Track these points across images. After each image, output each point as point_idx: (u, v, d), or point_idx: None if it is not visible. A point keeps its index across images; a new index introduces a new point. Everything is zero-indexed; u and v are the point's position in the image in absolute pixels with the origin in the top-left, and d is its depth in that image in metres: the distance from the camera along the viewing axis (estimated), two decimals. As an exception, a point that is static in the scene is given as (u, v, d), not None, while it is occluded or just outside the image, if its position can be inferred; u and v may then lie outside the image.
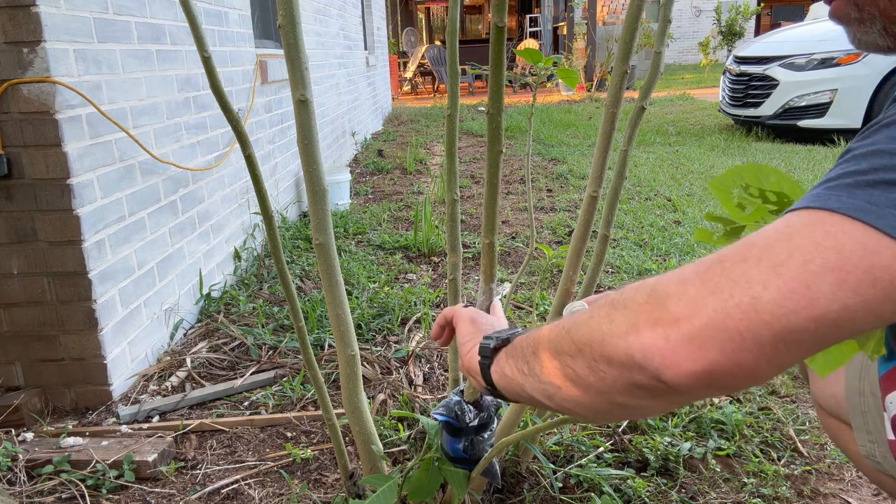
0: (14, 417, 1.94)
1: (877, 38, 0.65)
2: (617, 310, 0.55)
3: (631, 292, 0.56)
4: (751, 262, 0.48)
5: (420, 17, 23.29)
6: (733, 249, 0.51)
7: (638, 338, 0.51)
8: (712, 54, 15.88)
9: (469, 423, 1.16)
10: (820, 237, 0.47)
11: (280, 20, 1.11)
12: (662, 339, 0.50)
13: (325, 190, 1.23)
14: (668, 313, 0.50)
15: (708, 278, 0.50)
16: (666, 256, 3.34)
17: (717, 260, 0.51)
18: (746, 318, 0.47)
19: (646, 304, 0.52)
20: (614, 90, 1.26)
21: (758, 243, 0.50)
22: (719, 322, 0.48)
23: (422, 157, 6.50)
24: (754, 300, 0.47)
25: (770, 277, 0.47)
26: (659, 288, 0.53)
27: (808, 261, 0.47)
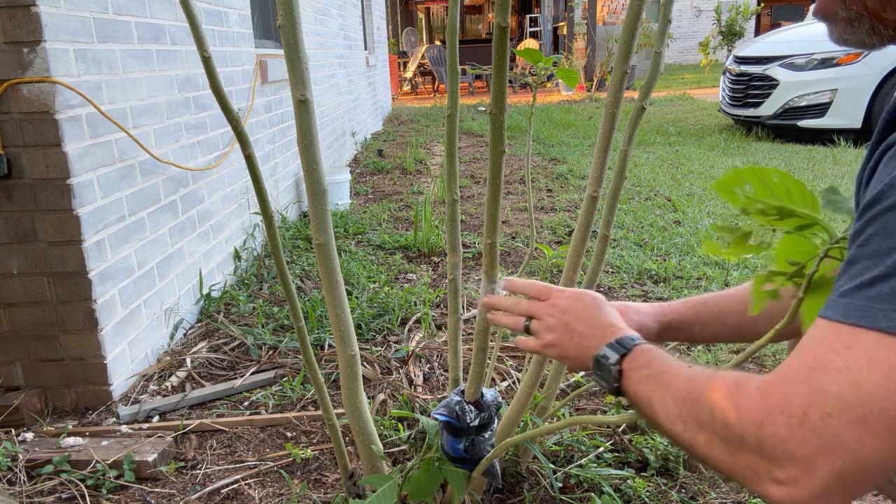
0: (14, 417, 1.94)
1: (864, 36, 0.65)
2: (731, 447, 0.61)
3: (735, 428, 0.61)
4: (836, 419, 0.53)
5: (420, 17, 23.29)
6: (808, 396, 0.55)
7: (766, 490, 0.59)
8: (712, 54, 15.87)
9: (470, 424, 1.16)
10: (882, 379, 0.51)
11: (280, 20, 1.11)
12: (789, 498, 0.57)
13: (325, 190, 1.23)
14: (787, 475, 0.56)
15: (806, 441, 0.55)
16: (666, 256, 3.34)
17: (803, 413, 0.55)
18: (856, 472, 0.53)
19: (762, 461, 0.58)
20: (614, 90, 1.26)
21: (830, 391, 0.54)
22: (836, 482, 0.54)
23: (422, 157, 6.50)
24: (857, 459, 0.53)
25: (861, 434, 0.52)
26: (765, 441, 0.58)
27: (883, 408, 0.51)
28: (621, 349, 0.82)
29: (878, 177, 0.57)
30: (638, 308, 1.11)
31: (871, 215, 0.55)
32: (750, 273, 3.02)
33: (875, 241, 0.54)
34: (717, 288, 2.88)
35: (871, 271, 0.54)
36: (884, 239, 0.53)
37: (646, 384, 0.76)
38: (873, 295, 0.53)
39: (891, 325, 0.51)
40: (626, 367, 0.80)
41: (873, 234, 0.54)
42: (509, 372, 2.22)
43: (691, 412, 0.66)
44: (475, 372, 1.18)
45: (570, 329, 0.91)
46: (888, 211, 0.54)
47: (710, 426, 0.63)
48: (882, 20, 0.63)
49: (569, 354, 0.91)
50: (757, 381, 0.61)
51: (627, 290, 2.95)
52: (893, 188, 0.54)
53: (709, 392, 0.64)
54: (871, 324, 0.52)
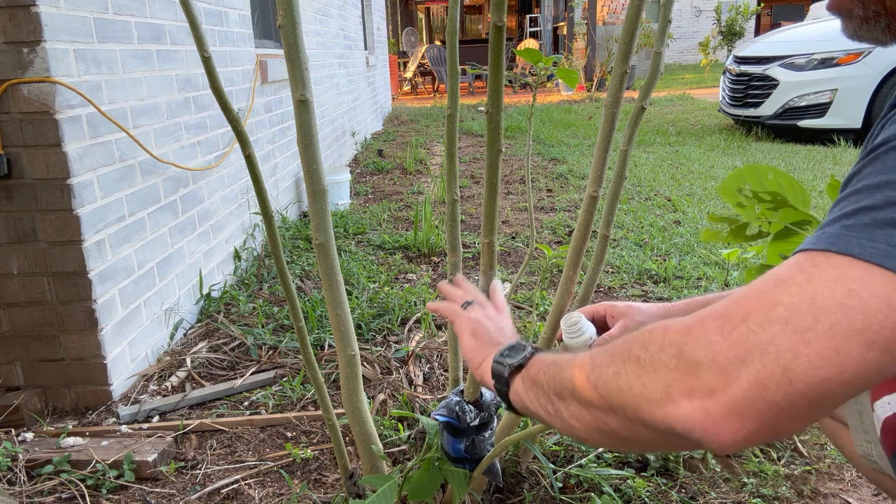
0: (14, 417, 1.94)
1: (878, 34, 0.65)
2: (646, 371, 0.55)
3: (656, 350, 0.55)
4: (777, 326, 0.48)
5: (420, 17, 23.29)
6: (757, 303, 0.50)
7: (676, 409, 0.52)
8: (712, 54, 15.87)
9: (470, 423, 1.16)
10: (844, 295, 0.47)
11: (280, 20, 1.11)
12: (701, 412, 0.50)
13: (325, 190, 1.23)
14: (702, 384, 0.50)
15: (736, 342, 0.49)
16: (666, 256, 3.34)
17: (741, 318, 0.50)
18: (781, 389, 0.47)
19: (676, 371, 0.52)
20: (614, 90, 1.26)
21: (781, 301, 0.49)
22: (755, 394, 0.48)
23: (422, 157, 6.50)
24: (787, 371, 0.47)
25: (800, 346, 0.47)
26: (687, 351, 0.52)
27: (835, 324, 0.47)
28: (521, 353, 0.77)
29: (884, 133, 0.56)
30: (642, 309, 1.11)
31: (870, 157, 0.54)
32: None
33: (867, 177, 0.52)
34: (718, 288, 2.88)
35: (856, 204, 0.51)
36: (877, 174, 0.51)
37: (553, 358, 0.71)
38: (851, 224, 0.50)
39: (862, 252, 0.48)
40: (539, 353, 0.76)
41: (869, 172, 0.53)
42: (509, 372, 2.22)
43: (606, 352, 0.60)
44: (475, 372, 1.18)
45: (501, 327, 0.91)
46: (891, 150, 0.52)
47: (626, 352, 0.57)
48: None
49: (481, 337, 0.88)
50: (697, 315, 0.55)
51: (627, 290, 2.95)
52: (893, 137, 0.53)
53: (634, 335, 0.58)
54: (843, 249, 0.49)
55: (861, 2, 0.64)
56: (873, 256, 0.48)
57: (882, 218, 0.49)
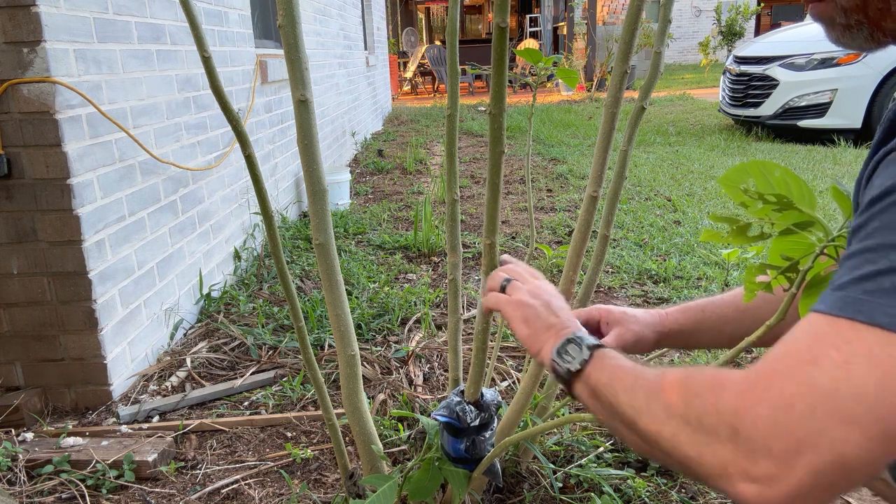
0: (14, 417, 1.94)
1: (861, 42, 0.65)
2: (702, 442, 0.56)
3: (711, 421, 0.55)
4: (823, 413, 0.49)
5: (420, 17, 23.29)
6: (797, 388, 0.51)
7: (735, 488, 0.54)
8: (712, 54, 15.87)
9: (470, 424, 1.16)
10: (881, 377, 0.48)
11: (280, 20, 1.11)
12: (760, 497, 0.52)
13: (325, 190, 1.23)
14: (759, 470, 0.52)
15: (789, 430, 0.50)
16: (666, 256, 3.34)
17: (788, 404, 0.51)
18: (837, 474, 0.49)
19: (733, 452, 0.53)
20: (614, 90, 1.26)
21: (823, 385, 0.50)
22: (813, 482, 0.50)
23: (422, 157, 6.50)
24: (841, 457, 0.49)
25: (849, 434, 0.48)
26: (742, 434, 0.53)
27: (876, 406, 0.48)
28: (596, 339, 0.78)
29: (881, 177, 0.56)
30: (637, 318, 1.10)
31: (876, 209, 0.53)
32: (750, 273, 3.02)
33: (878, 234, 0.52)
34: (717, 288, 2.88)
35: (872, 265, 0.51)
36: (888, 234, 0.51)
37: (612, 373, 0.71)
38: (872, 289, 0.50)
39: (891, 322, 0.48)
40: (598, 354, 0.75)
41: (877, 228, 0.52)
42: (509, 372, 2.22)
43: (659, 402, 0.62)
44: (475, 372, 1.18)
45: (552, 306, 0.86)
46: (894, 205, 0.52)
47: (682, 415, 0.58)
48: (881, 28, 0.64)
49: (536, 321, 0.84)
50: (739, 372, 0.57)
51: (627, 290, 2.95)
52: None
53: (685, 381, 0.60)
54: (870, 319, 0.49)
55: (843, 11, 0.64)
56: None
57: None
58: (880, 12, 0.62)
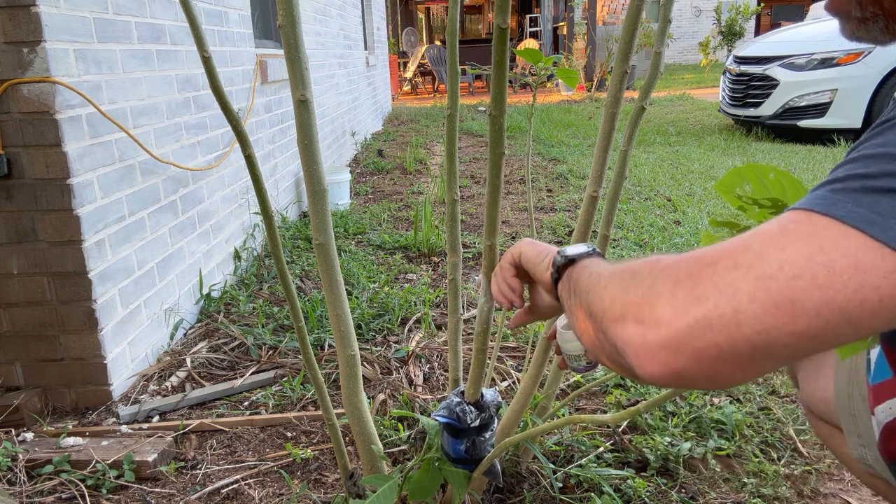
0: (14, 417, 1.94)
1: (877, 34, 0.65)
2: (621, 291, 0.56)
3: (641, 276, 0.55)
4: (741, 270, 0.48)
5: (420, 17, 23.29)
6: (730, 249, 0.50)
7: (623, 329, 0.53)
8: (712, 54, 15.87)
9: (470, 424, 1.16)
10: (814, 251, 0.47)
11: (280, 20, 1.11)
12: (640, 337, 0.51)
13: (325, 190, 1.23)
14: (654, 314, 0.51)
15: (698, 282, 0.49)
16: (666, 256, 3.33)
17: (712, 261, 0.50)
18: (726, 330, 0.47)
19: (641, 298, 0.53)
20: (614, 90, 1.26)
21: (752, 247, 0.49)
22: (697, 332, 0.48)
23: (422, 157, 6.50)
24: (737, 313, 0.47)
25: (757, 290, 0.47)
26: (657, 284, 0.53)
27: (797, 276, 0.46)
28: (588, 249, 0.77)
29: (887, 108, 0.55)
30: None
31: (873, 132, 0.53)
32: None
33: (866, 148, 0.52)
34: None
35: (848, 171, 0.50)
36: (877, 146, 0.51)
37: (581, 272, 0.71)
38: (839, 188, 0.49)
39: (844, 215, 0.47)
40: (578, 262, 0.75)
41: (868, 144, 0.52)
42: (509, 372, 2.22)
43: (612, 271, 0.61)
44: (475, 372, 1.18)
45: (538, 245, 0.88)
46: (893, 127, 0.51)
47: (621, 273, 0.58)
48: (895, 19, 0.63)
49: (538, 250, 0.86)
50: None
51: (627, 290, 2.95)
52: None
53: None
54: (825, 210, 0.48)
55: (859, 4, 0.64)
56: (853, 220, 0.47)
57: (872, 185, 0.48)
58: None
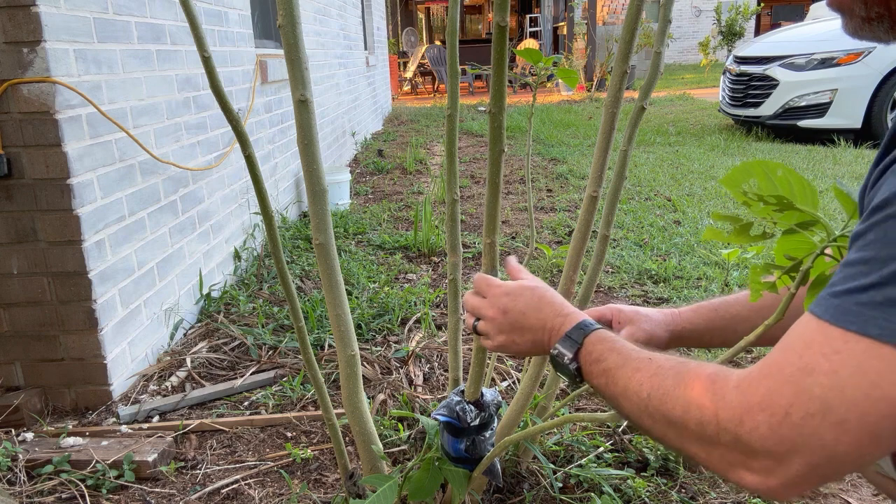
0: (14, 417, 1.94)
1: (881, 34, 0.64)
2: (707, 445, 0.62)
3: (712, 431, 0.60)
4: (817, 420, 0.54)
5: (420, 17, 23.28)
6: (793, 396, 0.55)
7: (739, 478, 0.60)
8: (712, 54, 15.87)
9: (470, 423, 1.16)
10: (868, 387, 0.52)
11: (280, 20, 1.11)
12: (763, 484, 0.59)
13: (325, 190, 1.23)
14: (761, 465, 0.58)
15: (785, 437, 0.55)
16: (666, 256, 3.34)
17: (785, 412, 0.55)
18: (830, 467, 0.55)
19: (736, 453, 0.59)
20: (614, 90, 1.26)
21: (814, 394, 0.54)
22: (808, 474, 0.56)
23: (422, 157, 6.50)
24: (833, 456, 0.54)
25: (840, 436, 0.53)
26: (743, 440, 0.58)
27: (865, 414, 0.52)
28: (574, 344, 0.81)
29: (886, 185, 0.56)
30: (650, 316, 1.11)
31: (874, 220, 0.55)
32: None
33: (874, 247, 0.54)
34: (717, 288, 2.88)
35: (866, 277, 0.53)
36: (883, 247, 0.53)
37: (607, 379, 0.76)
38: (865, 301, 0.53)
39: (881, 334, 0.51)
40: (584, 362, 0.80)
41: (873, 240, 0.54)
42: (509, 372, 2.22)
43: (658, 408, 0.66)
44: (475, 372, 1.18)
45: (517, 328, 0.90)
46: (891, 219, 0.53)
47: (682, 422, 0.64)
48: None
49: (525, 351, 0.90)
50: (735, 377, 0.61)
51: (627, 290, 2.95)
52: None
53: (681, 389, 0.64)
54: (861, 329, 0.53)
55: (864, 3, 0.63)
56: (888, 337, 0.51)
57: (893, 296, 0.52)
58: None
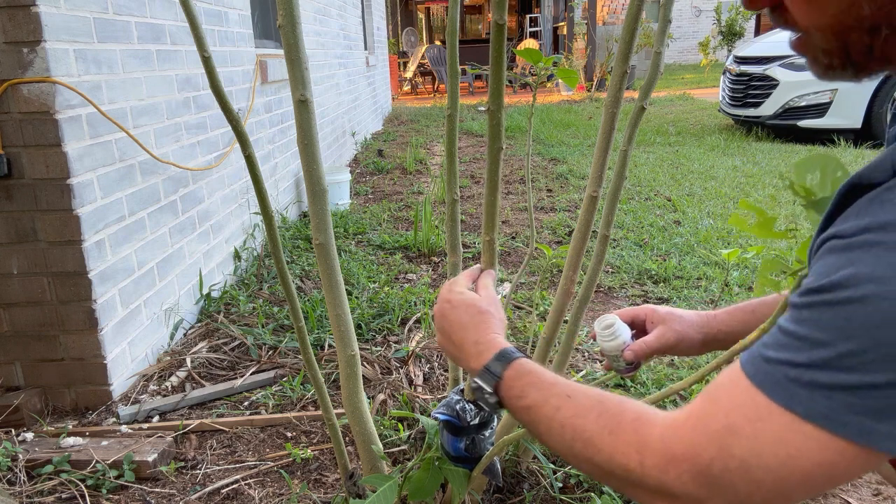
0: (14, 417, 1.94)
1: (849, 78, 0.63)
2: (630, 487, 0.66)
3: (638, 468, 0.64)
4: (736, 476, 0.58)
5: (420, 17, 23.29)
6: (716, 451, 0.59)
7: None
8: (712, 54, 15.87)
9: (470, 422, 1.16)
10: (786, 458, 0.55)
11: (280, 20, 1.11)
12: None
13: (325, 190, 1.23)
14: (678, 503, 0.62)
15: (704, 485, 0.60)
16: (666, 256, 3.34)
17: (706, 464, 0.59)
18: None
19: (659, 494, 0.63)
20: (614, 90, 1.26)
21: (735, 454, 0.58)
22: None
23: (422, 157, 6.50)
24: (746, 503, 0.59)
25: (754, 491, 0.58)
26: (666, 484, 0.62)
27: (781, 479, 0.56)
28: (493, 378, 0.80)
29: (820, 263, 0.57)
30: (683, 317, 1.10)
31: (810, 301, 0.56)
32: (750, 273, 3.02)
33: (807, 326, 0.56)
34: (717, 288, 2.88)
35: (797, 353, 0.56)
36: (815, 330, 0.55)
37: (530, 416, 0.76)
38: (794, 377, 0.55)
39: (804, 412, 0.54)
40: (505, 397, 0.80)
41: (807, 320, 0.56)
42: (509, 372, 2.22)
43: (583, 452, 0.69)
44: (475, 372, 1.18)
45: (446, 336, 0.91)
46: (823, 305, 0.55)
47: (608, 467, 0.67)
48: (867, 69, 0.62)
49: (459, 362, 0.90)
50: (660, 427, 0.64)
51: (627, 290, 2.95)
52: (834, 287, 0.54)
53: (605, 436, 0.67)
54: (787, 404, 0.55)
55: (826, 53, 0.62)
56: (812, 417, 0.54)
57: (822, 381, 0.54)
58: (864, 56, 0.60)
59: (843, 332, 0.53)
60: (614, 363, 1.14)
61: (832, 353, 0.53)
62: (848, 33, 0.59)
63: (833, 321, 0.54)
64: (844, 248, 0.56)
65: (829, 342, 0.54)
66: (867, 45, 0.59)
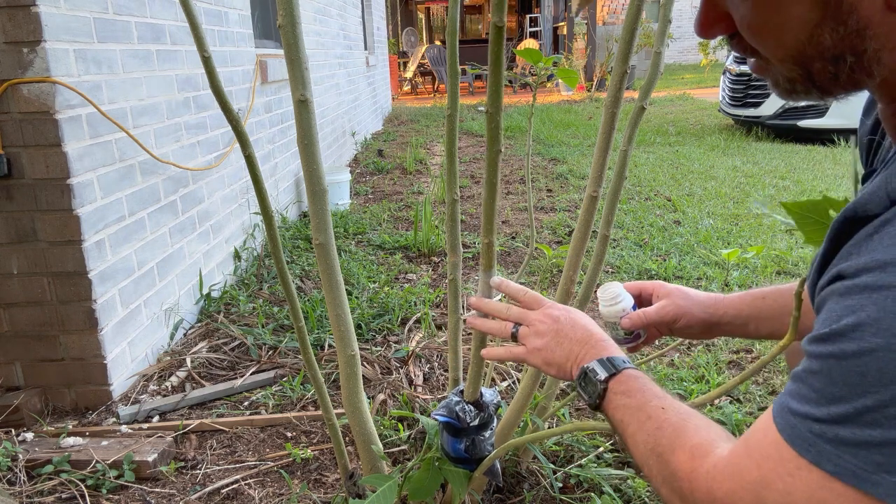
0: (14, 417, 1.94)
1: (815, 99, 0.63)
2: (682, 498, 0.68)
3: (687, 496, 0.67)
4: None
5: (420, 17, 23.28)
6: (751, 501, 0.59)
7: None
8: (712, 54, 15.87)
9: (470, 424, 1.16)
10: None
11: (280, 20, 1.11)
12: None
13: (325, 190, 1.23)
14: None
15: None
16: (666, 256, 3.34)
17: None
18: None
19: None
20: (614, 90, 1.26)
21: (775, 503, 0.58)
22: None
23: (422, 157, 6.50)
24: None
25: None
26: None
27: None
28: (611, 368, 0.83)
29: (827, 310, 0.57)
30: (689, 294, 1.11)
31: (821, 351, 0.55)
32: (750, 273, 3.02)
33: (821, 379, 0.55)
34: (717, 288, 2.88)
35: (817, 408, 0.55)
36: (828, 384, 0.54)
37: (623, 413, 0.79)
38: (818, 432, 0.55)
39: (834, 470, 0.53)
40: (612, 387, 0.82)
41: (820, 372, 0.55)
42: (509, 372, 2.22)
43: (656, 464, 0.72)
44: (474, 372, 1.18)
45: (561, 335, 0.91)
46: (832, 358, 0.54)
47: (671, 485, 0.70)
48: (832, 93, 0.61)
49: (555, 360, 0.91)
50: (711, 461, 0.65)
51: (627, 290, 2.94)
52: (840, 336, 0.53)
53: (672, 455, 0.70)
54: (815, 461, 0.55)
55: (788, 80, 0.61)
56: (841, 476, 0.53)
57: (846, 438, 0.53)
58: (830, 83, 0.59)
59: (857, 387, 0.52)
60: (613, 332, 1.15)
61: (850, 409, 0.52)
62: (811, 63, 0.58)
63: (846, 376, 0.53)
64: (846, 293, 0.55)
65: (845, 397, 0.53)
66: (832, 74, 0.57)
